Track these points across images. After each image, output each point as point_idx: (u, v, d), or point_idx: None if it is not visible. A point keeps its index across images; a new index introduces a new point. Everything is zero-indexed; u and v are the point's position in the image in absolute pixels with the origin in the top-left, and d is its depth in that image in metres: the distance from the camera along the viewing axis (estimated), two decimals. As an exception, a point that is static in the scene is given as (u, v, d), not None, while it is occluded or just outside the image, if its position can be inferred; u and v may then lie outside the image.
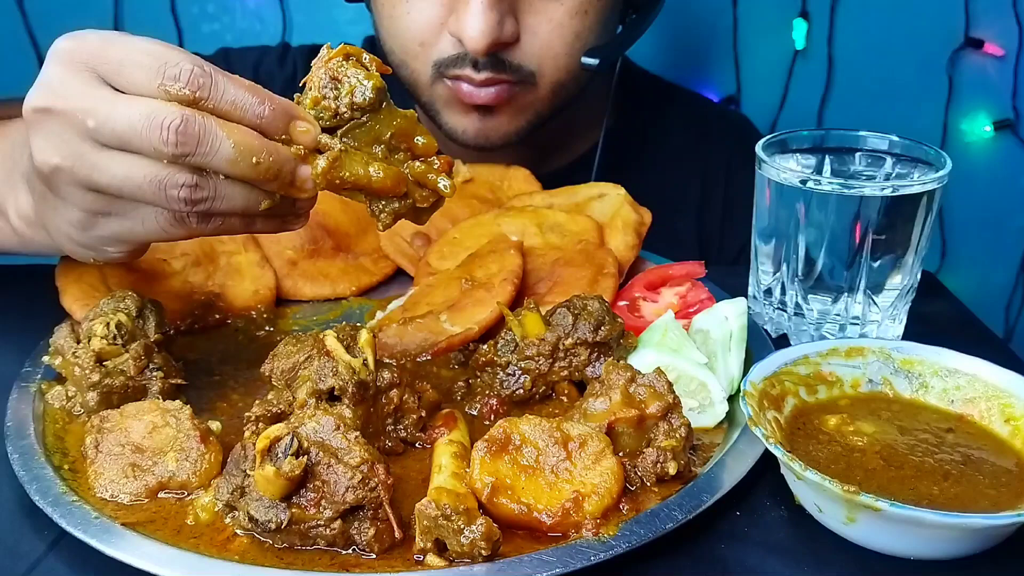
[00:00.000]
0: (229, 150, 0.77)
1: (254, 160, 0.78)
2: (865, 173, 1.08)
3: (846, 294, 1.04)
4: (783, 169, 1.03)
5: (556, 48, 1.26)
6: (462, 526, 0.71)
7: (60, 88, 0.80)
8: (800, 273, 1.04)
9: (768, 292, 1.08)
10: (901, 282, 1.04)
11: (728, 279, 1.15)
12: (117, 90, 0.79)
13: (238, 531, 0.76)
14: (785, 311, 1.07)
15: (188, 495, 0.80)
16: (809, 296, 1.05)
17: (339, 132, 0.83)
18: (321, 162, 0.81)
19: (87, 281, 1.08)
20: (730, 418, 0.91)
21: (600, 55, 1.26)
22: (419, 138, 0.85)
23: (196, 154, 0.77)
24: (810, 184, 1.01)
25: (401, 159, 0.85)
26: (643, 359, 0.94)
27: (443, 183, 0.85)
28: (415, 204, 0.86)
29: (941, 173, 1.01)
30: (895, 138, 1.08)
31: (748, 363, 0.97)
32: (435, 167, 0.86)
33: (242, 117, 0.79)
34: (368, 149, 0.83)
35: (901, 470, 0.79)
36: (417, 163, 0.85)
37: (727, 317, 0.97)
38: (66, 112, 0.79)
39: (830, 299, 1.05)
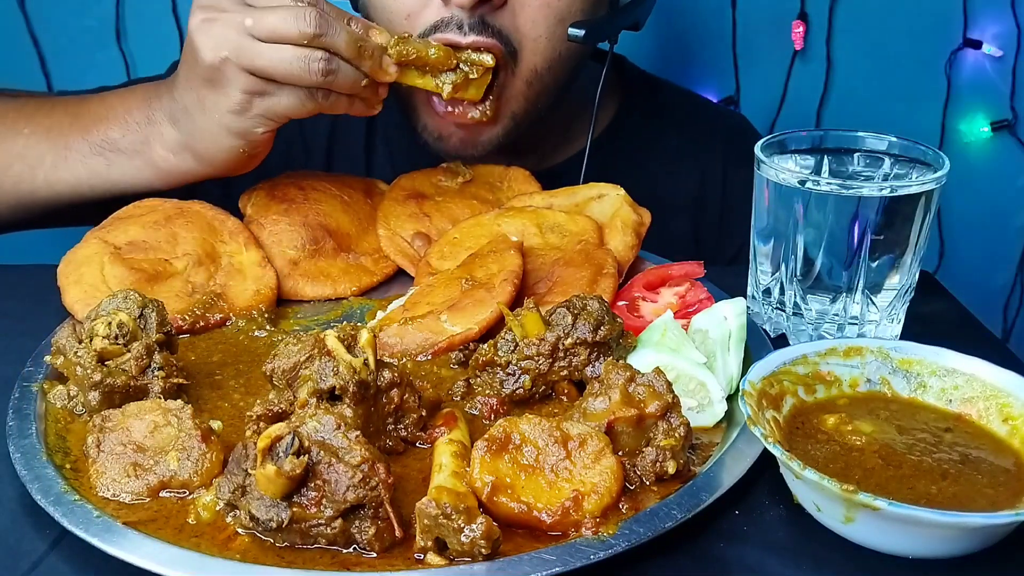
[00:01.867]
0: (345, 34, 1.09)
1: (359, 45, 1.10)
2: (863, 173, 1.09)
3: (844, 294, 1.04)
4: (781, 170, 1.03)
5: (540, 27, 1.25)
6: (462, 525, 0.71)
7: (216, 3, 1.10)
8: (799, 273, 1.05)
9: (767, 292, 1.09)
10: (899, 282, 1.04)
11: (727, 279, 1.15)
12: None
13: (239, 530, 0.76)
14: (784, 311, 1.08)
15: (189, 494, 0.80)
16: (808, 296, 1.05)
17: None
18: (392, 44, 1.14)
19: (88, 281, 1.08)
20: (729, 417, 0.91)
21: (587, 27, 1.25)
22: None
23: (327, 35, 1.07)
24: (808, 184, 1.01)
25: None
26: (642, 359, 0.94)
27: (485, 56, 1.20)
28: (467, 75, 1.20)
29: (939, 174, 1.01)
30: (893, 139, 1.08)
31: (747, 363, 0.97)
32: (479, 51, 1.21)
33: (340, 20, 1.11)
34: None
35: (899, 469, 0.80)
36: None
37: (726, 317, 0.98)
38: (226, 18, 1.08)
39: (828, 299, 1.05)
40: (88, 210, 1.27)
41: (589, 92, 1.38)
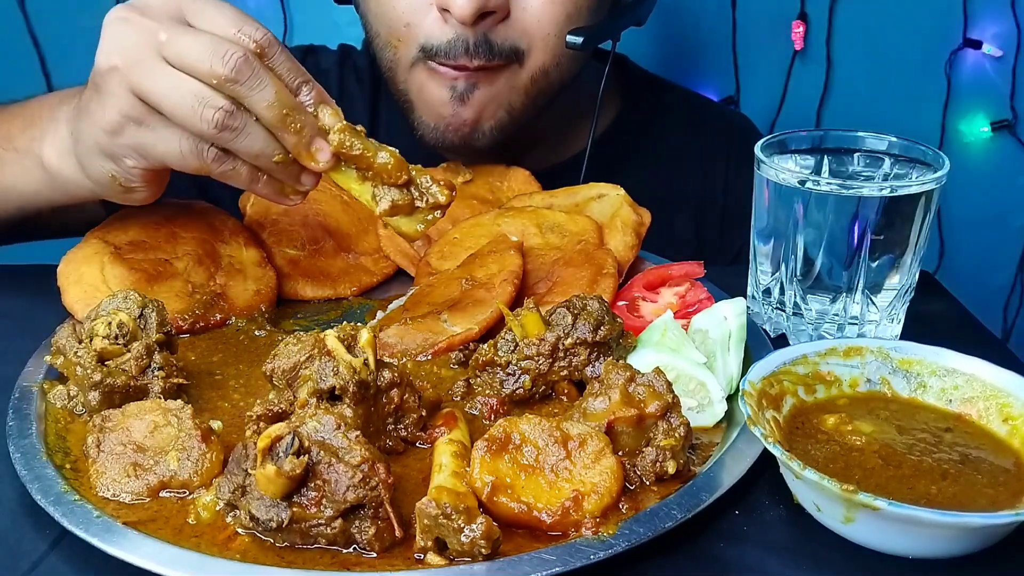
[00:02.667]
0: (270, 95, 0.90)
1: (285, 111, 0.91)
2: (863, 174, 1.09)
3: (844, 294, 1.04)
4: (781, 169, 1.03)
5: (546, 26, 1.24)
6: (462, 525, 0.71)
7: (145, 7, 0.94)
8: (799, 273, 1.05)
9: (767, 292, 1.09)
10: (899, 282, 1.04)
11: (727, 279, 1.15)
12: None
13: (239, 530, 0.76)
14: (784, 311, 1.08)
15: (189, 494, 0.80)
16: (808, 296, 1.05)
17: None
18: (337, 129, 0.95)
19: (88, 281, 1.08)
20: (729, 417, 0.91)
21: (585, 34, 1.24)
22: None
23: (243, 85, 0.89)
24: (808, 184, 1.01)
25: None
26: (642, 359, 0.94)
27: (435, 189, 0.98)
28: (413, 201, 0.98)
29: (939, 174, 1.01)
30: (893, 139, 1.08)
31: (747, 363, 0.97)
32: (437, 179, 0.99)
33: (288, 83, 0.94)
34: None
35: (899, 469, 0.80)
36: (421, 167, 1.00)
37: (726, 317, 0.98)
38: (143, 24, 0.92)
39: (828, 299, 1.05)
40: (8, 226, 1.21)
41: (591, 92, 1.38)
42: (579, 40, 1.23)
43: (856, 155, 1.09)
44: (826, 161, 1.10)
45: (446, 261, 1.17)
